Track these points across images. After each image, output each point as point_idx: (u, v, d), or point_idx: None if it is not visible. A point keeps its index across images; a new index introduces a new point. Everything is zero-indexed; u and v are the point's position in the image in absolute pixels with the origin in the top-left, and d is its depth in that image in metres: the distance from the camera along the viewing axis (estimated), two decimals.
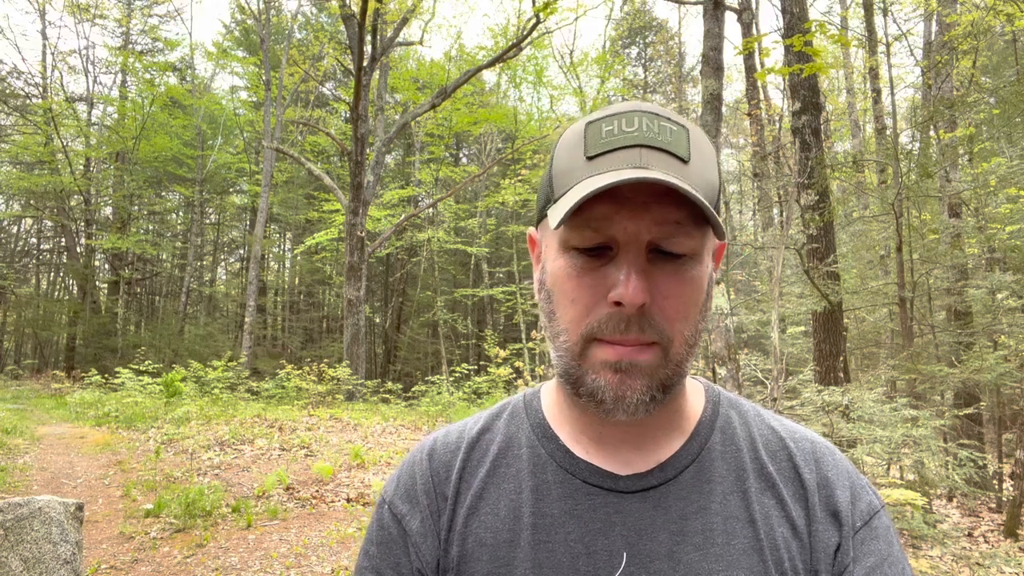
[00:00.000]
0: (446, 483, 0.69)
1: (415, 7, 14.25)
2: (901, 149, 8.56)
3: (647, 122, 0.62)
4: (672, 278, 0.61)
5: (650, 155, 0.60)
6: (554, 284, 0.65)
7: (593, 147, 0.62)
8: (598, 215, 0.60)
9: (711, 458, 0.68)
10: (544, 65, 21.35)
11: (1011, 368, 6.16)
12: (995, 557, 4.50)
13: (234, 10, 24.11)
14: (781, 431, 0.73)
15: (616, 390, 0.60)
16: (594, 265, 0.61)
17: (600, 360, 0.61)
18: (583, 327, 0.62)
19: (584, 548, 0.62)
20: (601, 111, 0.66)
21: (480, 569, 0.63)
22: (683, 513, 0.64)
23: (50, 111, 19.77)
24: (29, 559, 3.33)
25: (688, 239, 0.61)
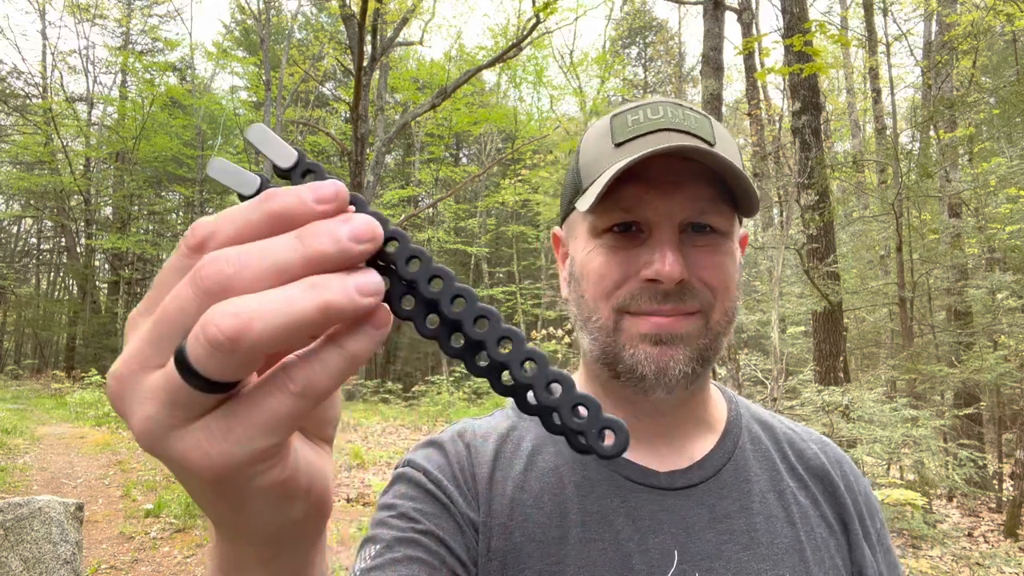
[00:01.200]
0: (480, 467, 0.67)
1: (415, 7, 14.25)
2: (901, 149, 8.56)
3: (671, 110, 0.63)
4: (708, 250, 0.62)
5: (677, 137, 0.61)
6: (583, 269, 0.65)
7: (620, 135, 0.63)
8: (628, 196, 0.61)
9: (744, 457, 0.68)
10: (544, 65, 21.36)
11: (1011, 368, 6.16)
12: (995, 557, 4.50)
13: (234, 10, 24.12)
14: (801, 432, 0.75)
15: (657, 362, 0.60)
16: (626, 246, 0.62)
17: (637, 333, 0.61)
18: (614, 300, 0.62)
19: (636, 546, 0.61)
20: (624, 105, 0.67)
21: (532, 565, 0.60)
22: (727, 512, 0.64)
23: (50, 111, 19.77)
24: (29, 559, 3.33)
25: (720, 216, 0.62)
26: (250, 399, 0.25)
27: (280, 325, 0.23)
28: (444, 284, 0.28)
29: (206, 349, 0.23)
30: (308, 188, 0.26)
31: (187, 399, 0.25)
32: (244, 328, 0.23)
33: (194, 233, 0.26)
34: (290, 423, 0.26)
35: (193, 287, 0.25)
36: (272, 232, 0.26)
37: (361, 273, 0.25)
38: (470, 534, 0.62)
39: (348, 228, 0.25)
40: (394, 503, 0.63)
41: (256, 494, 0.27)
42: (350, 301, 0.25)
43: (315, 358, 0.26)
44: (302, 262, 0.25)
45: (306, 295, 0.24)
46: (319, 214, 0.26)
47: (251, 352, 0.23)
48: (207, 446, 0.25)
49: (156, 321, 0.25)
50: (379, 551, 0.58)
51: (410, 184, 22.54)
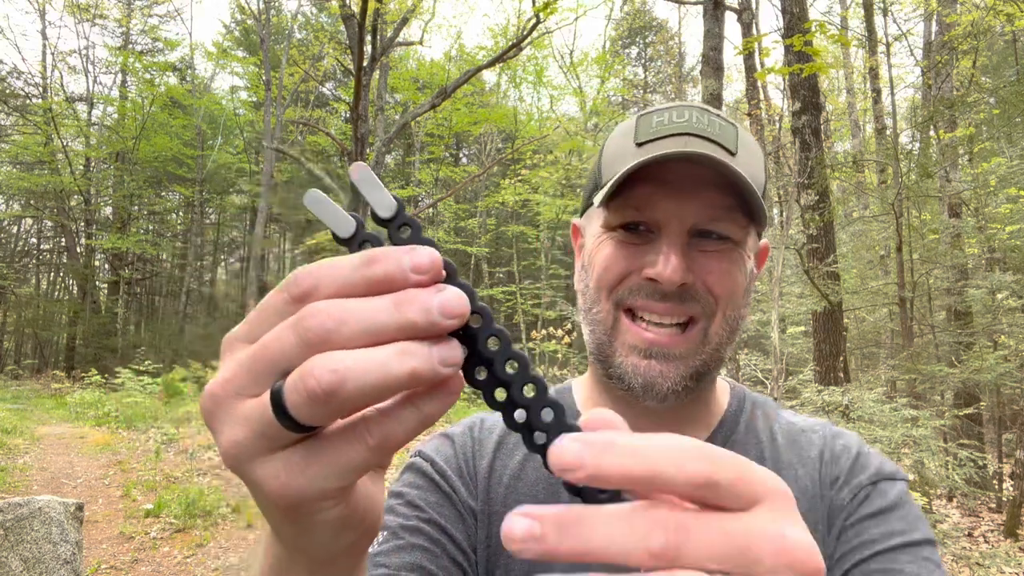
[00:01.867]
0: (482, 458, 0.70)
1: (415, 7, 14.25)
2: (901, 149, 8.56)
3: (697, 115, 0.64)
4: (715, 257, 0.62)
5: (698, 143, 0.61)
6: (591, 261, 0.66)
7: (643, 135, 0.64)
8: (641, 196, 0.61)
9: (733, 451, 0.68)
10: (544, 65, 21.36)
11: (1011, 368, 6.16)
12: (995, 557, 4.50)
13: (234, 10, 24.12)
14: (801, 423, 0.75)
15: (645, 376, 0.60)
16: (634, 242, 0.63)
17: (629, 343, 0.62)
18: (614, 294, 0.63)
19: None
20: (654, 106, 0.68)
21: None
22: None
23: (50, 111, 19.77)
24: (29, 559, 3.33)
25: (733, 225, 0.62)
26: (331, 444, 0.28)
27: (371, 384, 0.26)
28: (519, 368, 0.30)
29: (303, 397, 0.25)
30: (408, 256, 0.28)
31: (275, 433, 0.27)
32: (340, 384, 0.25)
33: (297, 284, 0.28)
34: (362, 470, 0.28)
35: (296, 334, 0.27)
36: (369, 294, 0.28)
37: (446, 346, 0.27)
38: (470, 522, 0.65)
39: (439, 302, 0.27)
40: (402, 491, 0.67)
41: (319, 524, 0.30)
42: (433, 371, 0.27)
43: (394, 416, 0.28)
44: (395, 328, 0.27)
45: (396, 360, 0.26)
46: (415, 283, 0.28)
47: (343, 405, 0.26)
48: (285, 478, 0.28)
49: (256, 356, 0.28)
50: (386, 537, 0.61)
51: (410, 184, 22.54)
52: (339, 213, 0.30)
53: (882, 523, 0.63)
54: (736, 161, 0.61)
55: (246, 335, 0.29)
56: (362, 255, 0.28)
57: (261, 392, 0.27)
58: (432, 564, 0.60)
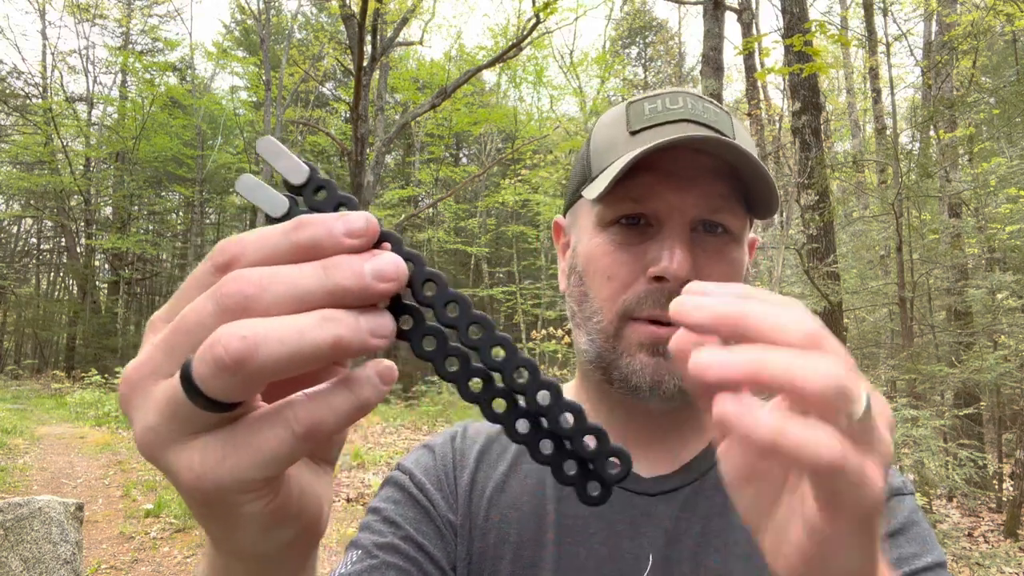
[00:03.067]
0: (463, 469, 0.67)
1: (415, 7, 14.25)
2: (901, 149, 8.56)
3: (691, 101, 0.61)
4: (715, 256, 0.59)
5: (696, 129, 0.58)
6: (587, 264, 0.62)
7: (636, 123, 0.60)
8: (639, 186, 0.58)
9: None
10: (544, 65, 21.35)
11: (1011, 368, 6.16)
12: (995, 557, 4.50)
13: (234, 10, 24.12)
14: None
15: (653, 375, 0.58)
16: (634, 240, 0.59)
17: (636, 342, 0.58)
18: (619, 304, 0.59)
19: (608, 551, 0.60)
20: (642, 93, 0.64)
21: (504, 568, 0.60)
22: (707, 514, 0.62)
23: (50, 111, 19.77)
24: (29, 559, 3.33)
25: (733, 216, 0.59)
26: (251, 429, 0.25)
27: (286, 354, 0.23)
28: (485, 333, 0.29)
29: (210, 368, 0.23)
30: (340, 220, 0.26)
31: (188, 414, 0.25)
32: (250, 352, 0.23)
33: (222, 252, 0.27)
34: (286, 461, 0.26)
35: (213, 302, 0.25)
36: (298, 260, 0.26)
37: (375, 314, 0.26)
38: (449, 538, 0.62)
39: (372, 265, 0.25)
40: (379, 507, 0.64)
41: (244, 519, 0.27)
42: (361, 341, 0.25)
43: (324, 400, 0.26)
44: (322, 293, 0.25)
45: (318, 328, 0.24)
46: (347, 248, 0.26)
47: (254, 376, 0.23)
48: (200, 468, 0.25)
49: (172, 330, 0.26)
50: (359, 556, 0.59)
51: (410, 184, 22.54)
52: (272, 195, 0.29)
53: (894, 547, 0.61)
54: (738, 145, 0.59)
55: (168, 313, 0.27)
56: (291, 221, 0.27)
57: (177, 371, 0.25)
58: None
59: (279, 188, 0.30)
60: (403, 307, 0.28)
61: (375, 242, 0.27)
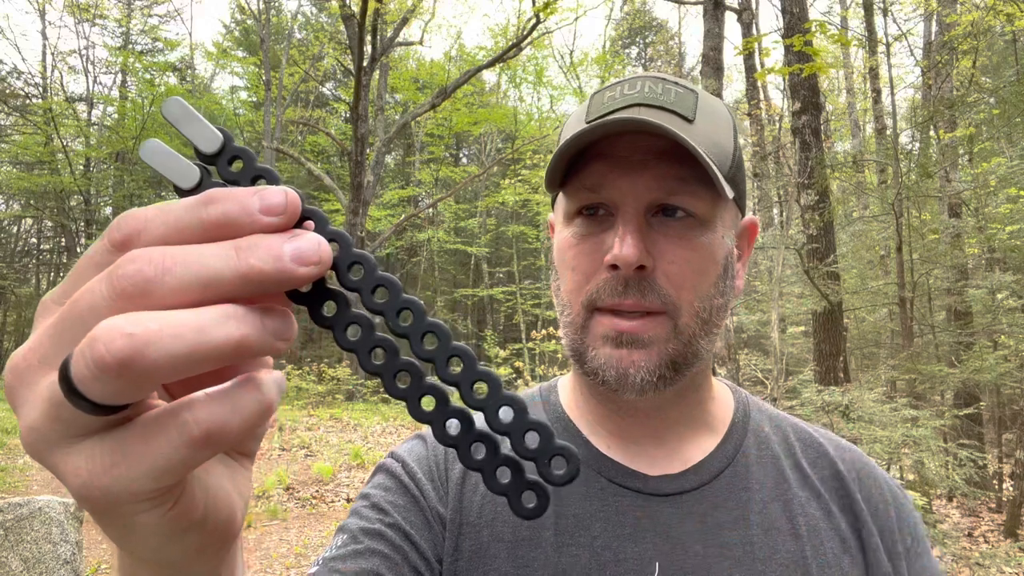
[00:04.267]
0: (454, 463, 0.65)
1: (415, 7, 14.25)
2: (901, 149, 8.56)
3: (650, 85, 0.59)
4: (676, 241, 0.57)
5: (648, 112, 0.56)
6: (558, 257, 0.63)
7: (594, 112, 0.59)
8: (592, 174, 0.57)
9: (747, 463, 0.63)
10: (544, 65, 21.34)
11: (1011, 368, 6.16)
12: (995, 557, 4.50)
13: (234, 10, 24.12)
14: (819, 437, 0.68)
15: (618, 367, 0.56)
16: (593, 231, 0.58)
17: (600, 334, 0.57)
18: (583, 296, 0.58)
19: (612, 555, 0.57)
20: (607, 82, 0.63)
21: (498, 566, 0.57)
22: (719, 523, 0.59)
23: (50, 111, 19.77)
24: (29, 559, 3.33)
25: (694, 198, 0.57)
26: (142, 434, 0.22)
27: (182, 355, 0.20)
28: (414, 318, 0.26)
29: (90, 369, 0.20)
30: (255, 195, 0.23)
31: (70, 416, 0.22)
32: (137, 352, 0.20)
33: (120, 227, 0.23)
34: (182, 469, 0.22)
35: (107, 285, 0.22)
36: (207, 240, 0.23)
37: (278, 315, 0.23)
38: (438, 529, 0.60)
39: (292, 247, 0.23)
40: (369, 493, 0.63)
41: (140, 528, 0.24)
42: (266, 344, 0.23)
43: (228, 400, 0.23)
44: (234, 278, 0.22)
45: (220, 326, 0.21)
46: (264, 227, 0.23)
47: (142, 379, 0.20)
48: (86, 476, 0.22)
49: (62, 316, 0.23)
50: (345, 541, 0.57)
51: (410, 184, 22.55)
52: (182, 164, 0.26)
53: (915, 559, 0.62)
54: (693, 128, 0.56)
55: (61, 295, 0.24)
56: (200, 195, 0.23)
57: None
58: (390, 572, 0.55)
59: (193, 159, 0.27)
60: (326, 291, 0.26)
61: (296, 221, 0.24)
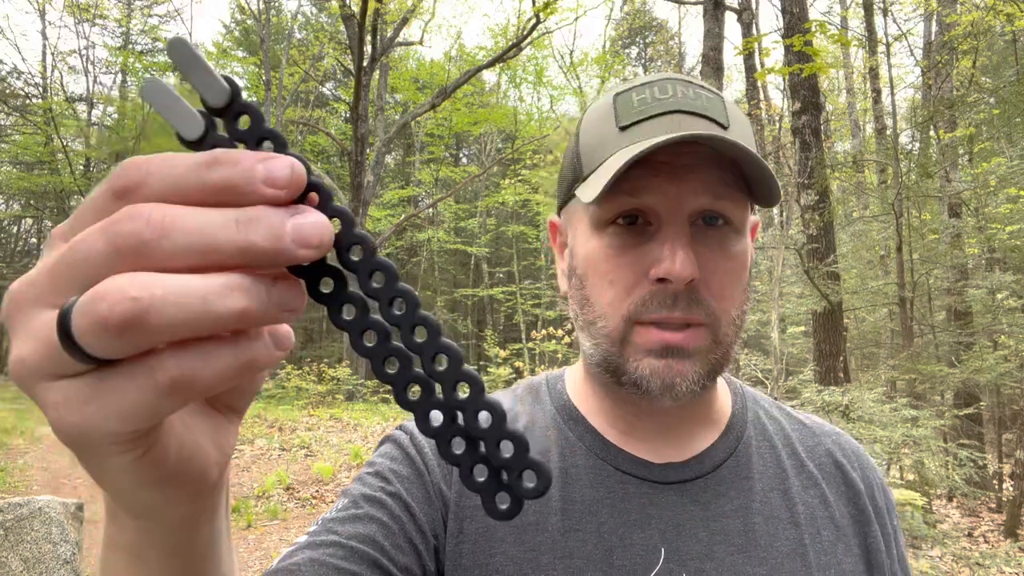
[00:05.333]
0: None
1: (415, 7, 14.26)
2: (901, 149, 8.56)
3: (681, 88, 0.58)
4: (718, 252, 0.57)
5: (689, 120, 0.56)
6: (587, 267, 0.60)
7: (625, 116, 0.58)
8: (634, 182, 0.55)
9: (748, 454, 0.65)
10: (544, 65, 21.34)
11: (1011, 368, 6.17)
12: (995, 557, 4.50)
13: (234, 10, 24.13)
14: (813, 427, 0.71)
15: (664, 378, 0.56)
16: (633, 242, 0.57)
17: (644, 347, 0.57)
18: (625, 309, 0.57)
19: (619, 540, 0.58)
20: (628, 82, 0.61)
21: (505, 550, 0.58)
22: (722, 511, 0.60)
23: (50, 111, 19.77)
24: (29, 559, 3.33)
25: (734, 204, 0.57)
26: (117, 377, 0.22)
27: (183, 322, 0.21)
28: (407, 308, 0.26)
29: (92, 326, 0.21)
30: (262, 165, 0.23)
31: (60, 359, 0.22)
32: (140, 316, 0.20)
33: (122, 175, 0.23)
34: (150, 416, 0.23)
35: (105, 240, 0.22)
36: (207, 202, 0.23)
37: (287, 285, 0.24)
38: (438, 505, 0.60)
39: (293, 225, 0.23)
40: (374, 461, 0.63)
41: (111, 470, 0.25)
42: (270, 316, 0.23)
43: (200, 354, 0.22)
44: (232, 250, 0.22)
45: (224, 296, 0.22)
46: (267, 199, 0.23)
47: (141, 341, 0.21)
48: (62, 411, 0.23)
49: (60, 259, 0.23)
50: (346, 505, 0.58)
51: (410, 184, 22.55)
52: (187, 111, 0.25)
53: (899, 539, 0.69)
54: (730, 134, 0.56)
55: (67, 231, 0.24)
56: (206, 154, 0.23)
57: (59, 303, 0.22)
58: (386, 540, 0.55)
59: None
60: (327, 268, 0.26)
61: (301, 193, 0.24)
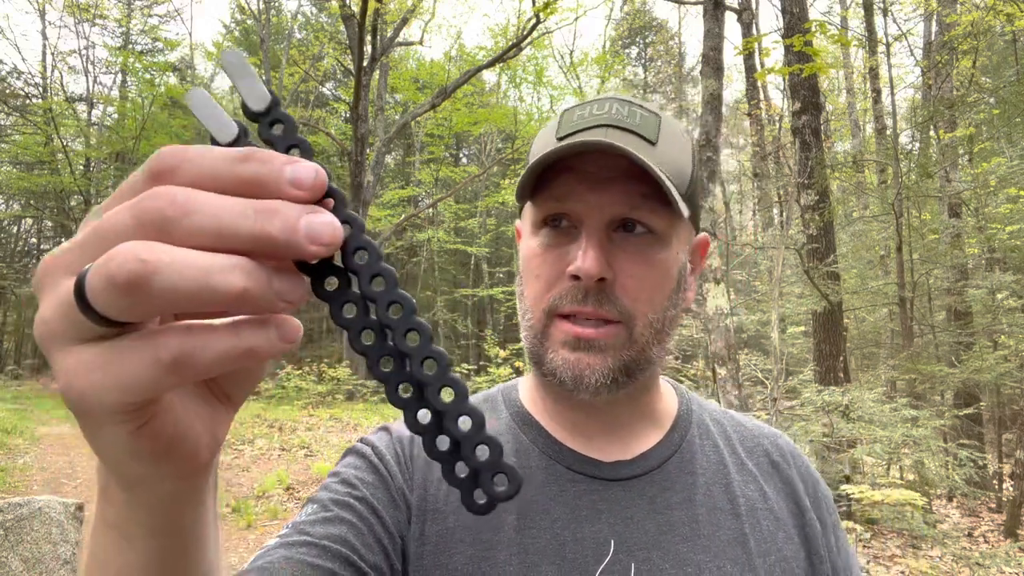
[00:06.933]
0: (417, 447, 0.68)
1: (415, 7, 14.26)
2: (901, 149, 8.56)
3: (617, 106, 0.64)
4: (635, 257, 0.61)
5: (616, 134, 0.61)
6: (524, 264, 0.67)
7: (564, 129, 0.64)
8: (561, 189, 0.62)
9: (692, 451, 0.69)
10: (544, 65, 21.33)
11: (1011, 368, 6.17)
12: (995, 557, 4.50)
13: (234, 10, 24.13)
14: (753, 429, 0.76)
15: (574, 369, 0.60)
16: (558, 242, 0.63)
17: (560, 339, 0.62)
18: (545, 303, 0.63)
19: (571, 534, 0.62)
20: (580, 102, 0.68)
21: (464, 550, 0.61)
22: (668, 503, 0.65)
23: (50, 111, 19.76)
24: (29, 559, 3.33)
25: (653, 215, 0.61)
26: (124, 349, 0.24)
27: (183, 289, 0.23)
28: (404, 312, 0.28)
29: (102, 283, 0.23)
30: (290, 166, 0.25)
31: (77, 321, 0.24)
32: (145, 276, 0.22)
33: (159, 159, 0.25)
34: (149, 389, 0.24)
35: (131, 215, 0.24)
36: (234, 193, 0.25)
37: (290, 277, 0.25)
38: (403, 508, 0.63)
39: (308, 222, 0.24)
40: (339, 471, 0.66)
41: (106, 438, 0.27)
42: (267, 302, 0.24)
43: (201, 335, 0.24)
44: (247, 236, 0.24)
45: (226, 273, 0.23)
46: (290, 196, 0.25)
47: (145, 302, 0.23)
48: (71, 376, 0.25)
49: (90, 231, 0.25)
50: (315, 510, 0.61)
51: (410, 184, 22.54)
52: (223, 117, 0.28)
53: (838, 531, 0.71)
54: (655, 150, 0.61)
55: (104, 208, 0.26)
56: (240, 150, 0.26)
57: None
58: (357, 540, 0.58)
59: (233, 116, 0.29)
60: (333, 268, 0.28)
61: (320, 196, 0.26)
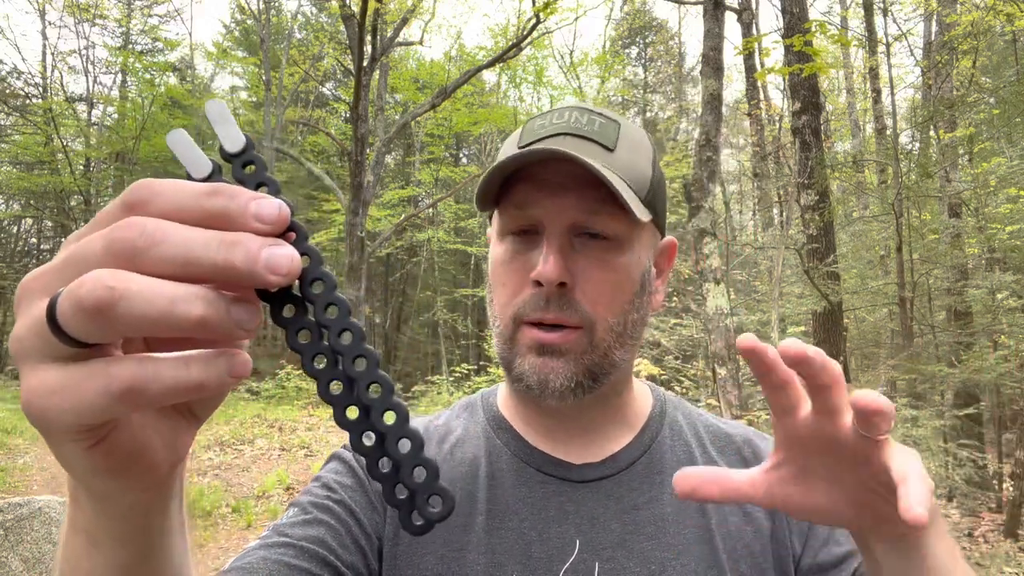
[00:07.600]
0: None
1: (415, 7, 14.26)
2: (901, 149, 8.56)
3: (576, 115, 0.65)
4: (595, 262, 0.63)
5: (573, 141, 0.63)
6: (492, 272, 0.69)
7: (526, 138, 0.66)
8: (521, 197, 0.63)
9: (661, 451, 0.71)
10: (544, 65, 21.33)
11: (1011, 368, 6.16)
12: (995, 557, 4.50)
13: (234, 10, 24.13)
14: (725, 428, 0.77)
15: (539, 374, 0.62)
16: (522, 249, 0.64)
17: (525, 344, 0.63)
18: (511, 309, 0.64)
19: (538, 535, 0.63)
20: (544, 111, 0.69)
21: (435, 550, 0.63)
22: (635, 503, 0.66)
23: (50, 111, 19.76)
24: (29, 559, 3.33)
25: (612, 220, 0.62)
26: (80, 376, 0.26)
27: (147, 316, 0.24)
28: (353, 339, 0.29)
29: (71, 306, 0.24)
30: (254, 202, 0.27)
31: (47, 340, 0.26)
32: (111, 303, 0.23)
33: (133, 192, 0.27)
34: (101, 414, 0.26)
35: (104, 243, 0.25)
36: (202, 225, 0.26)
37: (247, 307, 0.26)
38: (380, 511, 0.65)
39: (268, 254, 0.26)
40: (321, 475, 0.69)
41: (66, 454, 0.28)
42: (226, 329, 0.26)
43: (152, 366, 0.25)
44: (211, 265, 0.25)
45: (188, 303, 0.25)
46: (254, 230, 0.27)
47: (110, 326, 0.24)
48: (33, 396, 0.26)
49: (68, 256, 0.27)
50: (296, 513, 0.63)
51: (410, 184, 22.53)
52: (199, 156, 0.30)
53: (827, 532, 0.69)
54: (613, 157, 0.62)
55: (81, 234, 0.28)
56: (208, 185, 0.27)
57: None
58: (334, 541, 0.60)
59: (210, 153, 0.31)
60: (291, 297, 0.30)
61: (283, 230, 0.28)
